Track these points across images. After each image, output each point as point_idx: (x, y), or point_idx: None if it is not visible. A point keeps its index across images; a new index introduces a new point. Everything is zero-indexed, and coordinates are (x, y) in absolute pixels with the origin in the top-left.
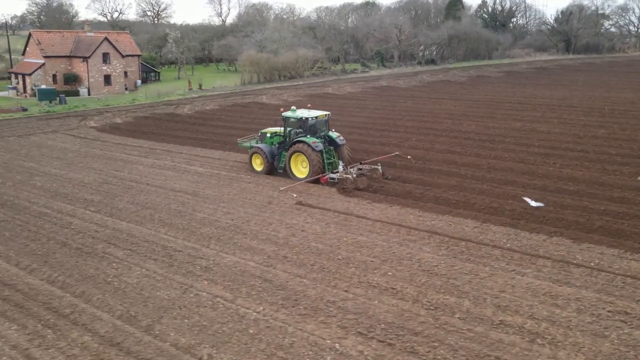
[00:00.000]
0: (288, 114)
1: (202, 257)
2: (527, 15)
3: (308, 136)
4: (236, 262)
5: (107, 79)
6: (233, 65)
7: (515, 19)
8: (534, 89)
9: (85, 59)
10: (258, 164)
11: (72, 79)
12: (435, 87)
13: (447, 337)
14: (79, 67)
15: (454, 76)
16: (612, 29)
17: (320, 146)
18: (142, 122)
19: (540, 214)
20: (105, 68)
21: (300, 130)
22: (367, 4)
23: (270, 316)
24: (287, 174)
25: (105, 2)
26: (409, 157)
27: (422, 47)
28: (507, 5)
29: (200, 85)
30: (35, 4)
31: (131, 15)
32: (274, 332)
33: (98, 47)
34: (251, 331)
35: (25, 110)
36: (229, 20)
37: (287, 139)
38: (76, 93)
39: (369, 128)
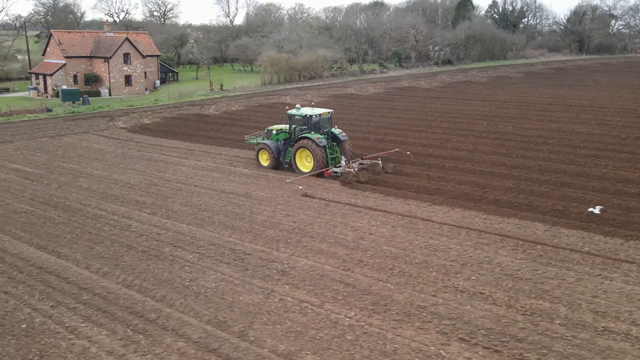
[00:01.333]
0: (293, 111)
1: (275, 260)
2: (539, 16)
3: (312, 133)
4: (312, 266)
5: (128, 80)
6: (248, 66)
7: (526, 19)
8: (559, 90)
9: (106, 59)
10: (264, 159)
11: (92, 80)
12: (459, 88)
13: (554, 344)
14: (100, 68)
15: (474, 77)
16: (623, 30)
17: (324, 142)
18: (172, 123)
19: (609, 217)
20: (126, 68)
21: (304, 127)
22: (375, 4)
23: (364, 322)
24: (292, 168)
25: (112, 2)
26: (408, 153)
27: (436, 48)
28: (518, 6)
29: (222, 86)
30: (42, 4)
31: (137, 15)
32: (372, 338)
33: (119, 47)
34: (349, 337)
35: (50, 110)
36: (237, 20)
37: (292, 136)
38: (97, 94)
39: (405, 129)
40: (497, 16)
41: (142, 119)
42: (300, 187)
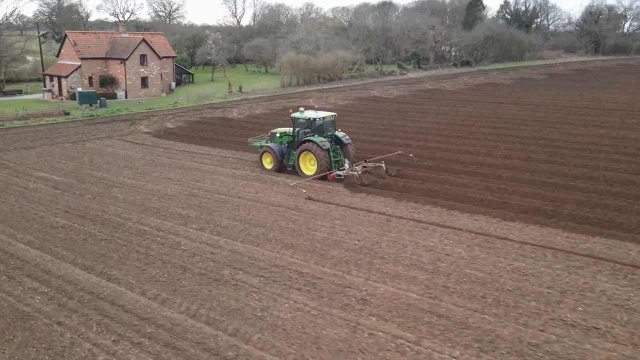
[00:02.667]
0: (297, 115)
1: (350, 286)
2: (552, 16)
3: (316, 136)
4: (394, 293)
5: (144, 81)
6: (263, 67)
7: (538, 19)
8: (590, 92)
9: (122, 60)
10: (268, 162)
11: (108, 82)
12: (485, 90)
13: None
14: (116, 69)
15: (496, 78)
16: (638, 30)
17: (327, 145)
18: (197, 127)
19: None
20: (142, 70)
21: (308, 130)
22: (384, 4)
23: None
24: (296, 171)
25: (117, 2)
26: (410, 155)
27: (452, 49)
28: (531, 6)
29: (241, 88)
30: (47, 4)
31: (142, 15)
32: None
33: (135, 48)
34: None
35: (67, 114)
36: (244, 21)
37: (296, 139)
38: (113, 96)
39: (444, 135)
40: (509, 16)
41: (165, 123)
42: (304, 191)
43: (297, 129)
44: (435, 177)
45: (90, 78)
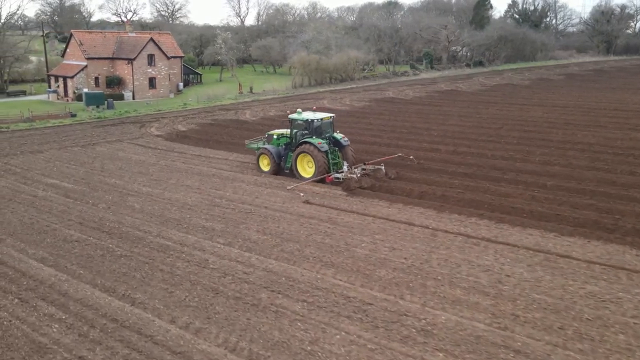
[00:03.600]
0: (294, 116)
1: (406, 313)
2: (562, 15)
3: (314, 137)
4: (458, 323)
5: (152, 82)
6: (270, 67)
7: (547, 19)
8: (613, 93)
9: (130, 60)
10: (265, 164)
11: (115, 82)
12: (504, 91)
13: None
14: (123, 70)
15: (512, 79)
16: None
17: (326, 147)
18: (210, 130)
19: None
20: (150, 70)
21: (306, 131)
22: (389, 3)
23: None
24: (293, 174)
25: (119, 2)
26: (411, 157)
27: (464, 49)
28: (540, 5)
29: (251, 89)
30: (48, 4)
31: (145, 15)
32: None
33: (143, 48)
34: None
35: (74, 115)
36: (248, 21)
37: (294, 140)
38: (120, 97)
39: (473, 139)
40: (517, 16)
41: (176, 125)
42: (302, 194)
43: (294, 130)
44: (473, 186)
45: (96, 78)
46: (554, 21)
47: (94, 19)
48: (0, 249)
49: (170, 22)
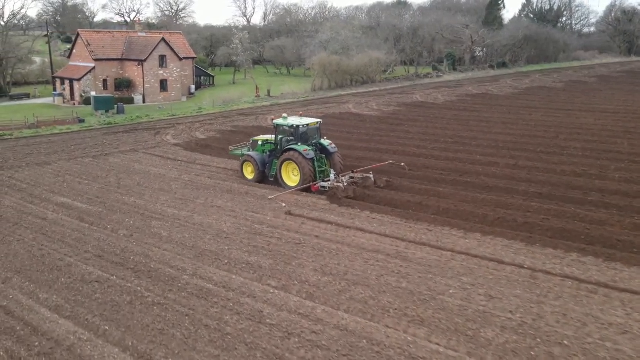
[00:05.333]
0: (279, 121)
1: None
2: (579, 15)
3: (299, 144)
4: None
5: (163, 85)
6: (284, 68)
7: (564, 19)
8: None
9: (140, 62)
10: (249, 172)
11: (124, 85)
12: (540, 95)
13: None
14: (133, 72)
15: (542, 81)
16: None
17: (312, 154)
18: (232, 139)
19: None
20: (161, 72)
21: (291, 138)
22: (399, 3)
23: None
24: (278, 182)
25: (123, 2)
26: (402, 164)
27: (483, 49)
28: (556, 4)
29: (269, 92)
30: (51, 4)
31: (148, 15)
32: None
33: (154, 49)
34: None
35: (82, 121)
36: (254, 20)
37: (279, 147)
38: (130, 101)
39: (530, 150)
40: (532, 15)
41: (194, 133)
42: (284, 205)
43: (279, 136)
44: (556, 210)
45: (104, 81)
46: (569, 21)
47: (97, 19)
48: (6, 292)
49: (175, 22)
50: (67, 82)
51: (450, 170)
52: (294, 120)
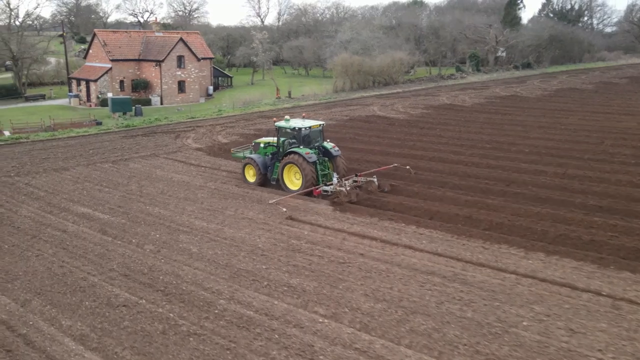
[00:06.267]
0: (281, 123)
1: None
2: (601, 15)
3: (301, 147)
4: None
5: (181, 86)
6: (302, 69)
7: (585, 18)
8: None
9: (158, 62)
10: (251, 175)
11: (142, 86)
12: (573, 97)
13: None
14: (150, 72)
15: (571, 82)
16: None
17: (314, 157)
18: None
19: None
20: (179, 73)
21: (294, 140)
22: (414, 2)
23: None
24: (280, 185)
25: (136, 2)
26: (407, 167)
27: (502, 49)
28: (577, 4)
29: (290, 93)
30: (64, 4)
31: (161, 15)
32: None
33: (172, 49)
34: None
35: (99, 124)
36: (268, 20)
37: (281, 150)
38: (147, 102)
39: (577, 157)
40: (552, 15)
41: (215, 136)
42: (285, 210)
43: (282, 139)
44: (624, 227)
45: (121, 82)
46: (590, 21)
47: (110, 19)
48: (25, 318)
49: (189, 22)
50: (83, 83)
51: (496, 180)
52: (296, 123)
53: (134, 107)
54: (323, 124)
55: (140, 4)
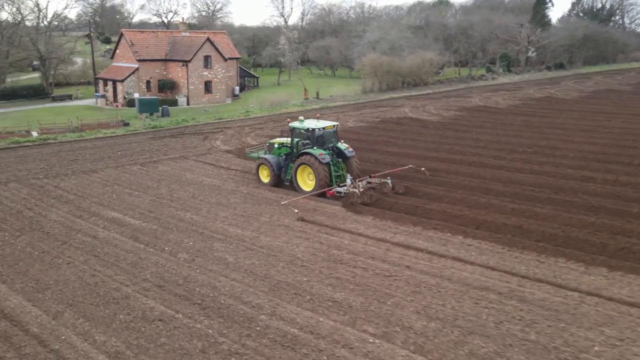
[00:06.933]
0: (295, 124)
1: None
2: (634, 14)
3: (315, 148)
4: None
5: (207, 86)
6: (329, 69)
7: (617, 17)
8: None
9: (184, 62)
10: (265, 176)
11: (168, 86)
12: (612, 99)
13: None
14: (176, 73)
15: (607, 84)
16: None
17: (327, 158)
18: None
19: None
20: (206, 73)
21: (307, 141)
22: (440, 2)
23: None
24: (293, 186)
25: (160, 2)
26: (422, 169)
27: (533, 50)
28: (608, 3)
29: (318, 94)
30: (90, 4)
31: (185, 15)
32: None
33: (199, 49)
34: None
35: (127, 125)
36: (291, 20)
37: (294, 150)
38: (174, 102)
39: (626, 164)
40: (582, 14)
41: (244, 138)
42: (297, 211)
43: (295, 139)
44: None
45: (148, 82)
46: (621, 20)
47: (134, 19)
48: (58, 332)
49: (212, 22)
50: (110, 84)
51: (542, 186)
52: (310, 124)
53: (160, 108)
54: (337, 125)
55: (164, 4)
